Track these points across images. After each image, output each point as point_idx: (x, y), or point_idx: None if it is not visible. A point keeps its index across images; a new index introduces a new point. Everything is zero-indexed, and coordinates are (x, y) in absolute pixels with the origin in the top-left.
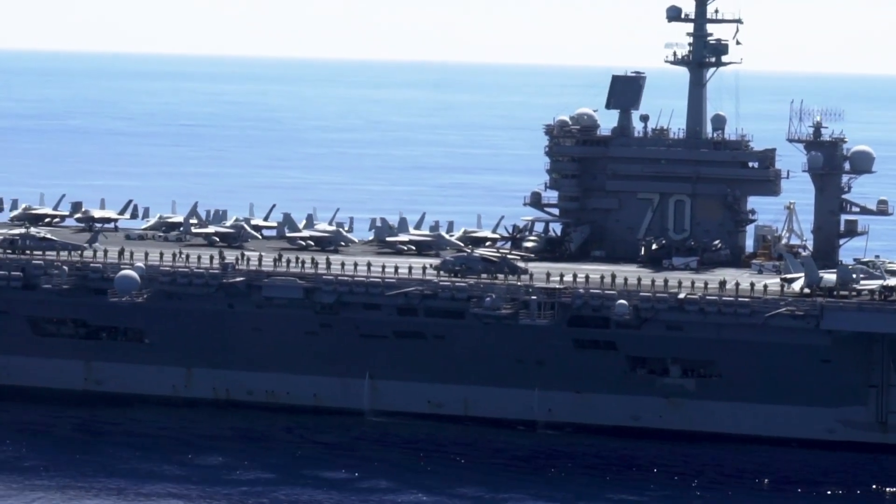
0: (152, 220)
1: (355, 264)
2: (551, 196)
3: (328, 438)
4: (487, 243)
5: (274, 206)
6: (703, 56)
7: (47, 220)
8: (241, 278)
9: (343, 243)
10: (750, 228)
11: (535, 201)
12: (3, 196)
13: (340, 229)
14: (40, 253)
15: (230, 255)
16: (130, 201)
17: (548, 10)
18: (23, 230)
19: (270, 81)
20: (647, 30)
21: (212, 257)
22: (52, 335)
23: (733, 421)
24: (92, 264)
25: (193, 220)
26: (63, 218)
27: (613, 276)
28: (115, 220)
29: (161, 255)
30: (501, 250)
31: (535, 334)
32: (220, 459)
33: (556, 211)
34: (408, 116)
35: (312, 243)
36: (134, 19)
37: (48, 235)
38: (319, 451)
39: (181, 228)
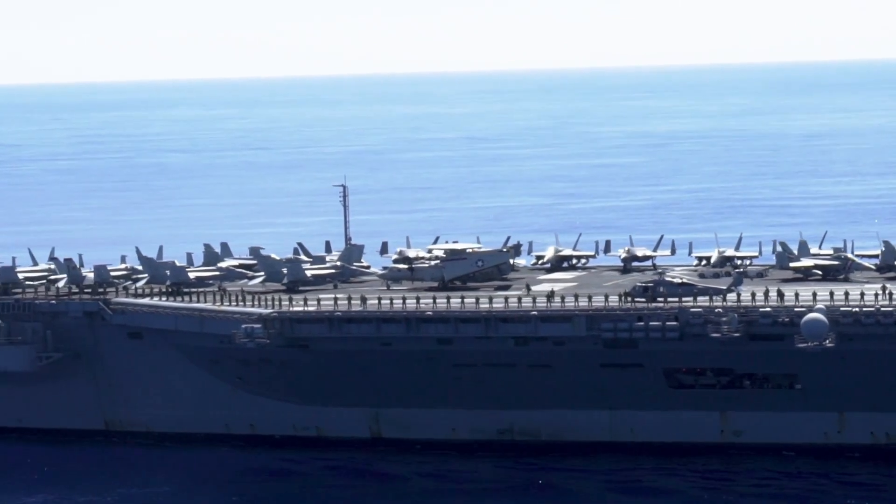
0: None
1: None
2: None
3: None
4: None
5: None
6: None
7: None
8: None
9: (856, 270)
10: None
11: None
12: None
13: (849, 256)
14: (677, 299)
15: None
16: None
17: None
18: (656, 276)
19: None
20: None
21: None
22: (687, 387)
23: None
24: (762, 308)
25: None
26: (588, 258)
27: None
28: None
29: (830, 294)
30: None
31: None
32: None
33: None
34: None
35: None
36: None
37: (686, 280)
38: None
39: (745, 262)
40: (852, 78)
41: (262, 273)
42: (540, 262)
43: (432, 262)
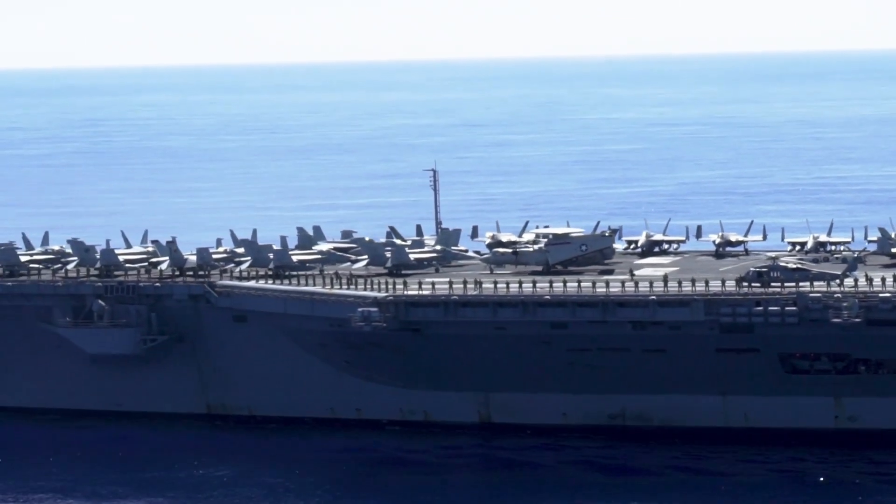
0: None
1: None
2: None
3: None
4: None
5: None
6: None
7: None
8: None
9: None
10: None
11: None
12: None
13: None
14: (793, 284)
15: None
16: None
17: None
18: (769, 261)
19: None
20: None
21: None
22: (802, 372)
23: None
24: (881, 294)
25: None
26: (679, 243)
27: None
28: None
29: None
30: None
31: None
32: None
33: None
34: None
35: None
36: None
37: (801, 265)
38: None
39: (838, 247)
40: (808, 68)
41: (366, 256)
42: (632, 246)
43: (535, 247)
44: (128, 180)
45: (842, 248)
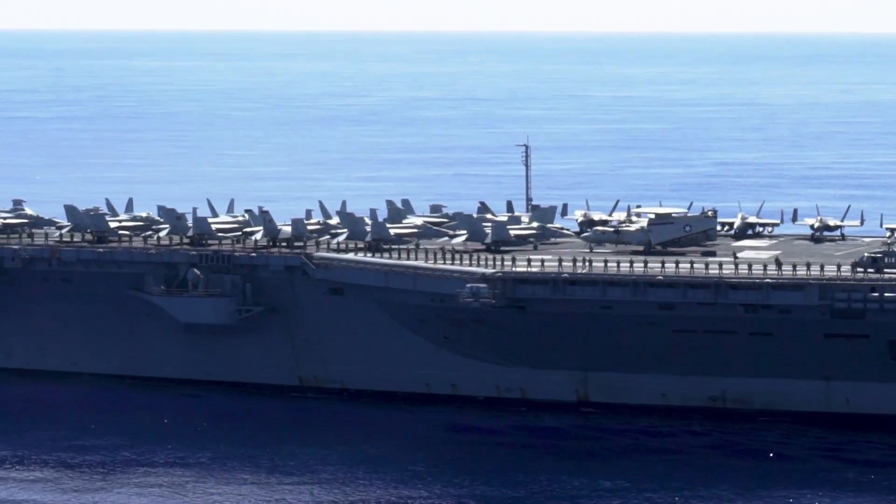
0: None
1: None
2: None
3: None
4: None
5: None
6: None
7: None
8: None
9: None
10: None
11: None
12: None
13: None
14: None
15: None
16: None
17: None
18: (884, 247)
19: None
20: None
21: None
22: None
23: None
24: None
25: None
26: (773, 226)
27: None
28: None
29: None
30: None
31: None
32: None
33: None
34: None
35: None
36: None
37: None
38: None
39: None
40: (803, 50)
41: (464, 231)
42: (725, 228)
43: (636, 226)
44: (151, 146)
45: None
